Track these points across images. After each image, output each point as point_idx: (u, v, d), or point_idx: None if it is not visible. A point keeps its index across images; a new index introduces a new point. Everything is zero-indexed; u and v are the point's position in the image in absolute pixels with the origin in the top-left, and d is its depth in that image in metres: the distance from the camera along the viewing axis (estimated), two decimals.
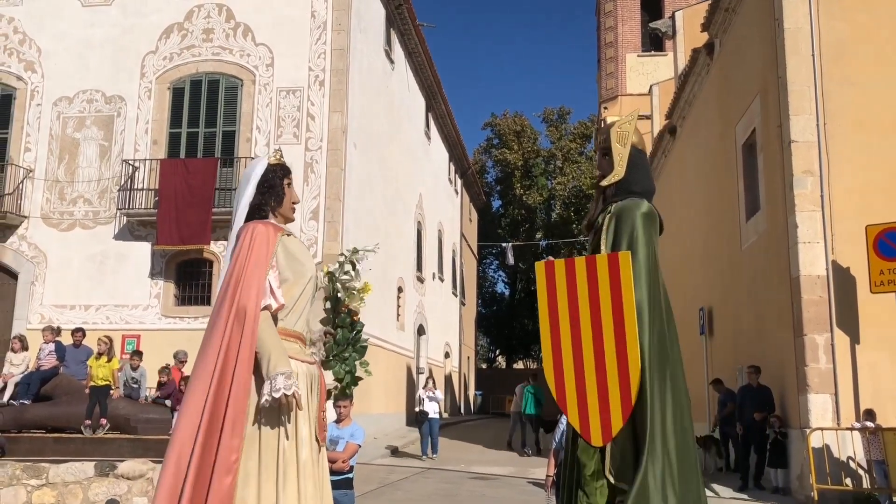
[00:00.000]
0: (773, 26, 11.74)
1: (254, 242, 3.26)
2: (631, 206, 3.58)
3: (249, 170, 3.52)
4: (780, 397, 11.48)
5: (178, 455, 3.04)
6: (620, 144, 3.69)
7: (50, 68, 18.00)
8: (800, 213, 10.79)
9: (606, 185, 3.70)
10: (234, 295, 3.16)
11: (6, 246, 17.38)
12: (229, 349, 3.09)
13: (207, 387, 3.06)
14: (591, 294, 3.41)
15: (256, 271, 3.20)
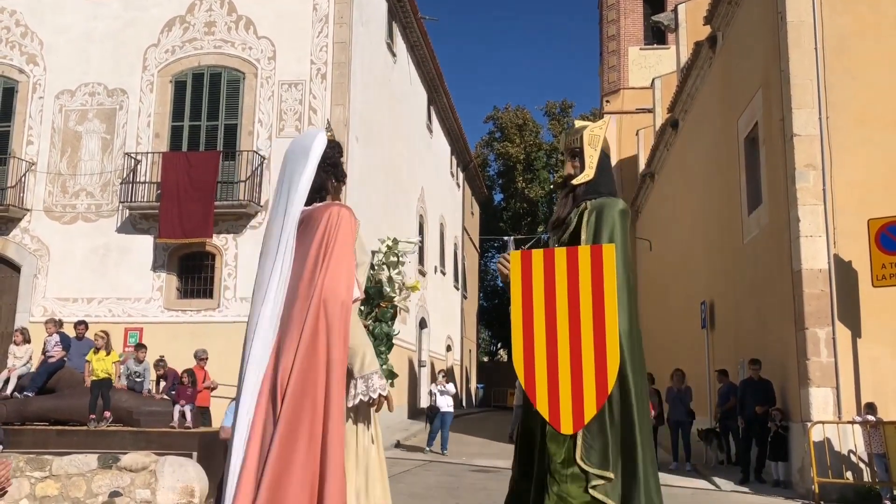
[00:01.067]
0: (775, 20, 11.72)
1: (340, 228, 2.93)
2: (610, 203, 3.74)
3: (304, 144, 3.14)
4: (781, 391, 11.50)
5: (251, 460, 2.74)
6: (592, 148, 3.88)
7: (52, 61, 17.99)
8: (802, 207, 10.80)
9: (577, 185, 3.85)
10: (321, 284, 2.83)
11: (9, 239, 17.41)
12: (316, 344, 2.79)
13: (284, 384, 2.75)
14: (570, 284, 3.47)
15: (345, 260, 2.91)
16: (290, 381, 2.77)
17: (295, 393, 2.76)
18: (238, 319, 16.07)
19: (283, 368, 2.79)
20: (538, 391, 3.40)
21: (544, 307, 3.45)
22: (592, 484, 3.34)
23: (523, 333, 3.46)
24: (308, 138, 3.17)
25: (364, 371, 2.93)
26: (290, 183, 3.07)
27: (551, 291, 3.49)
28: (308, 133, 3.24)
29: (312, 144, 3.11)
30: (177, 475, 9.11)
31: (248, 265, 16.38)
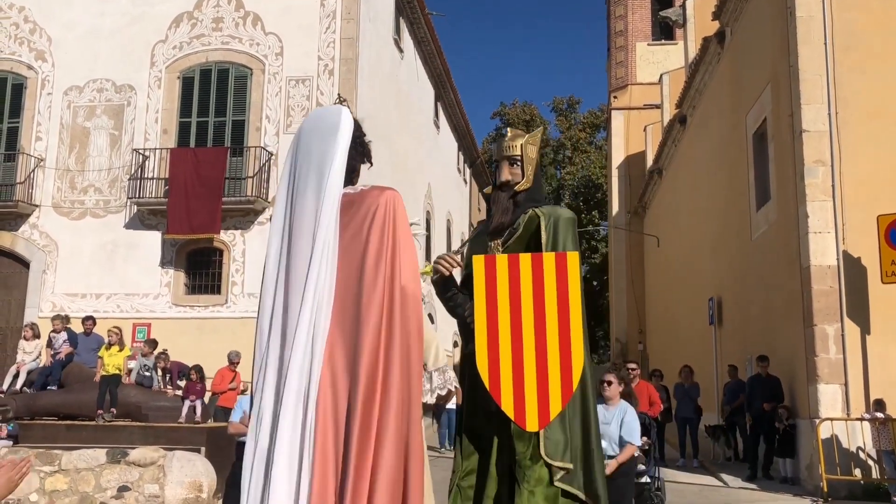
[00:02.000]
0: (784, 15, 11.66)
1: (398, 215, 2.70)
2: (565, 213, 3.96)
3: (329, 122, 2.84)
4: (789, 387, 11.47)
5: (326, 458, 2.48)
6: (530, 157, 4.07)
7: (60, 57, 18.04)
8: (811, 203, 10.75)
9: (519, 191, 3.99)
10: (391, 276, 2.60)
11: (18, 235, 17.48)
12: (393, 341, 2.57)
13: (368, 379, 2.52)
14: (535, 289, 3.59)
15: (410, 249, 2.70)
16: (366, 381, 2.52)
17: (372, 394, 2.53)
18: (245, 315, 16.10)
19: (364, 366, 2.53)
20: (503, 392, 3.49)
21: (509, 311, 3.54)
22: (557, 476, 3.58)
23: (487, 337, 3.54)
24: (332, 114, 2.86)
25: (438, 364, 2.88)
26: (319, 163, 2.75)
27: (516, 295, 3.59)
28: (330, 109, 2.93)
29: (340, 122, 2.81)
30: (185, 470, 9.15)
31: (255, 261, 16.41)
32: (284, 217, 2.76)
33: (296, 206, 2.74)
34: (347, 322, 2.58)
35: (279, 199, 2.81)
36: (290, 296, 2.64)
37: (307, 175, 2.75)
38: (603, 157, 42.29)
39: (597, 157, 44.81)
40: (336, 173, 2.73)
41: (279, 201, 2.81)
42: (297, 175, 2.79)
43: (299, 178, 2.78)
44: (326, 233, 2.64)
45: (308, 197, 2.71)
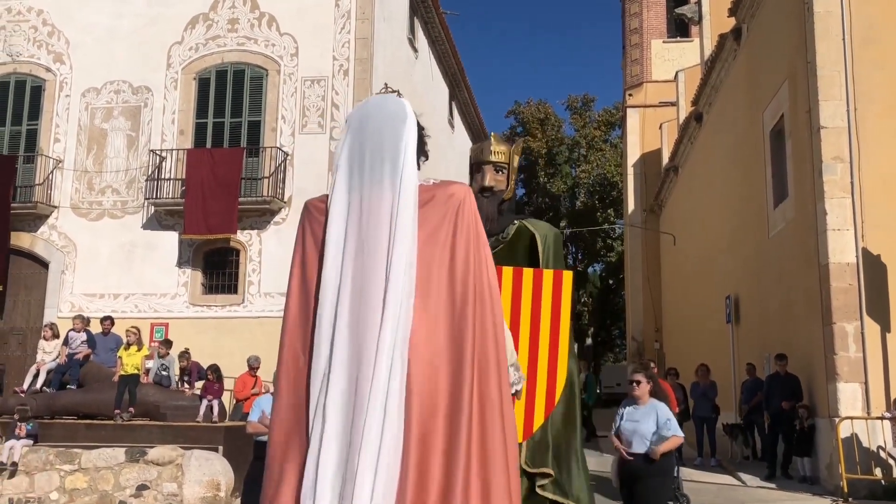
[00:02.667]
0: (802, 10, 11.57)
1: (476, 213, 2.67)
2: (552, 229, 4.01)
3: (394, 110, 2.73)
4: (808, 386, 11.39)
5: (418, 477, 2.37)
6: (515, 165, 4.10)
7: (78, 59, 18.19)
8: (829, 200, 10.67)
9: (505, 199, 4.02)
10: (481, 276, 2.57)
11: (37, 236, 17.64)
12: (487, 342, 2.53)
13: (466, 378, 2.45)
14: (533, 304, 3.70)
15: (487, 246, 2.66)
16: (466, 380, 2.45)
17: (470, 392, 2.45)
18: (262, 315, 16.19)
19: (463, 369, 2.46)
20: None
21: (509, 321, 3.54)
22: (539, 483, 3.60)
23: None
24: (397, 104, 2.75)
25: (511, 360, 2.84)
26: (393, 151, 2.64)
27: (516, 309, 3.69)
28: (391, 98, 2.81)
29: (407, 112, 2.72)
30: (203, 469, 9.21)
31: (271, 261, 16.48)
32: (349, 203, 2.62)
33: (368, 194, 2.61)
34: (435, 317, 2.50)
35: (340, 184, 2.65)
36: (365, 287, 2.51)
37: (381, 162, 2.64)
38: (618, 155, 42.12)
39: (612, 155, 44.64)
40: (411, 164, 2.65)
41: (340, 186, 2.65)
42: (364, 161, 2.66)
43: (370, 164, 2.65)
44: (407, 226, 2.54)
45: (385, 186, 2.60)
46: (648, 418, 5.81)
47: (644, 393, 5.95)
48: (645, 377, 6.01)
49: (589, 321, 48.76)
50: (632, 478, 5.79)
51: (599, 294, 47.87)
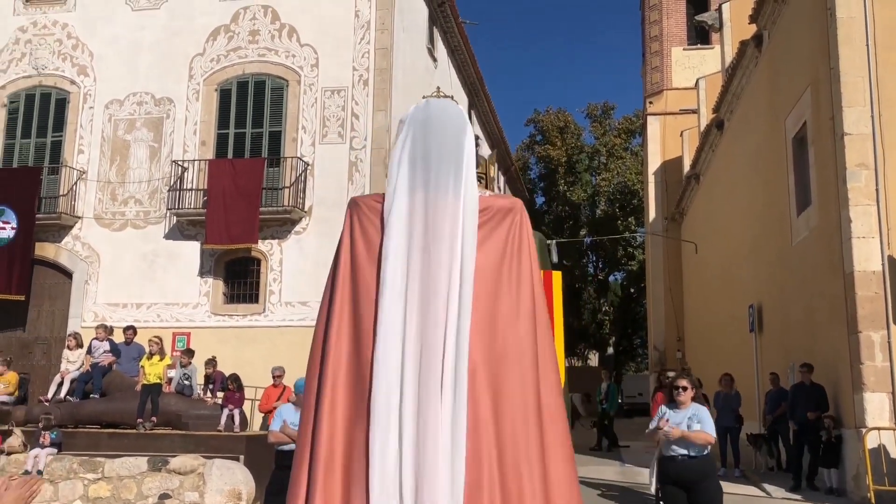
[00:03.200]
0: (824, 16, 11.47)
1: (530, 225, 2.79)
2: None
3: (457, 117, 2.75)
4: (833, 396, 11.23)
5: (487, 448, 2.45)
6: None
7: (101, 72, 18.41)
8: (854, 208, 10.54)
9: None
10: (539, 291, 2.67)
11: (61, 246, 17.84)
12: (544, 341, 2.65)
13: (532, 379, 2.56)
14: None
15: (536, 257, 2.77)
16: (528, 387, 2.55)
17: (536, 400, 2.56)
18: (283, 324, 16.25)
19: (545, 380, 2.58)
20: None
21: None
22: None
23: None
24: (455, 110, 2.77)
25: None
26: (456, 160, 2.65)
27: None
28: (449, 103, 2.80)
29: (466, 120, 2.75)
30: (224, 478, 9.24)
31: (292, 270, 16.55)
32: (411, 205, 2.61)
33: (433, 200, 2.61)
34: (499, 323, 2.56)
35: (402, 184, 2.64)
36: (429, 293, 2.54)
37: (446, 169, 2.64)
38: (638, 163, 41.93)
39: (632, 163, 44.44)
40: (473, 173, 2.67)
41: (402, 186, 2.64)
42: (430, 164, 2.65)
43: (435, 169, 2.64)
44: (470, 235, 2.60)
45: (450, 193, 2.61)
46: (689, 420, 6.02)
47: (688, 399, 6.15)
48: (690, 383, 6.21)
49: (610, 330, 48.47)
50: (681, 478, 5.92)
51: (621, 303, 47.59)
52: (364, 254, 2.64)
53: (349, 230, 2.71)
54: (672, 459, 6.00)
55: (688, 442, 5.94)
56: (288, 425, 6.45)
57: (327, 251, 18.81)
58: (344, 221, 2.75)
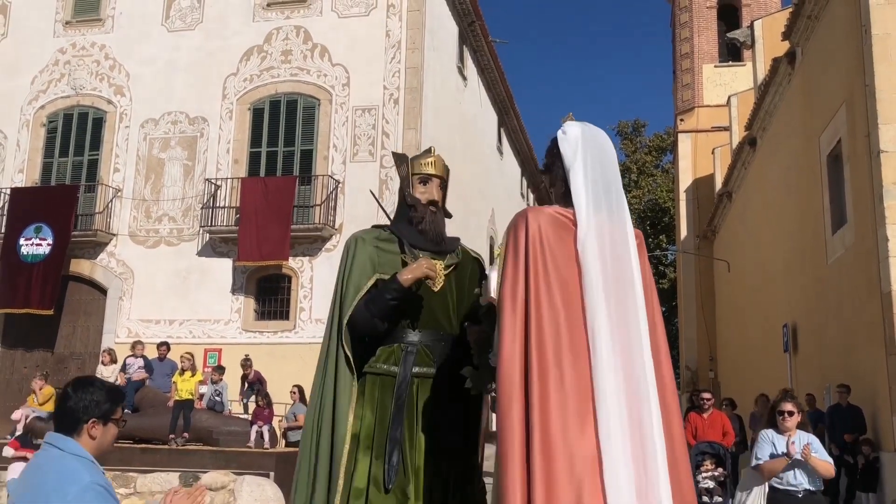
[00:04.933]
0: (859, 33, 11.35)
1: None
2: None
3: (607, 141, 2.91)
4: (871, 418, 11.00)
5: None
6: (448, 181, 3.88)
7: (137, 92, 18.76)
8: (891, 226, 10.36)
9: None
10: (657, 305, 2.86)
11: (96, 263, 18.13)
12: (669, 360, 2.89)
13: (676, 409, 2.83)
14: None
15: None
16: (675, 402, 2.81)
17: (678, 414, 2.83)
18: (313, 340, 16.29)
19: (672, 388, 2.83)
20: None
21: None
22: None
23: None
24: (605, 135, 2.91)
25: None
26: (617, 186, 2.82)
27: None
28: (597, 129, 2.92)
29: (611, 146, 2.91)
30: (255, 494, 9.27)
31: (322, 287, 16.64)
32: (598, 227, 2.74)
33: (617, 221, 2.77)
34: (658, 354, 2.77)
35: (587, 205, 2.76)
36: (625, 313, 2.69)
37: (618, 193, 2.82)
38: (670, 181, 41.65)
39: (663, 181, 44.16)
40: (624, 201, 2.83)
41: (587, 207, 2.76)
42: (610, 188, 2.80)
43: (615, 193, 2.80)
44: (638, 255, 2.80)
45: (625, 217, 2.80)
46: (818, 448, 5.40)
47: (794, 424, 5.47)
48: (796, 407, 5.55)
49: None
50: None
51: None
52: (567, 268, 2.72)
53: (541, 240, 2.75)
54: (788, 495, 5.25)
55: (810, 472, 5.22)
56: None
57: None
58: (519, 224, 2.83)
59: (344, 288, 3.50)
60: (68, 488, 2.39)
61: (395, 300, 3.39)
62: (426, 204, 3.70)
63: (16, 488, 2.57)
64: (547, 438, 2.52)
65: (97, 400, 2.60)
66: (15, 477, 9.29)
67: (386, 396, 3.36)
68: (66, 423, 2.59)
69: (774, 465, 5.36)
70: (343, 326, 3.42)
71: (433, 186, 3.74)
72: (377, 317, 3.39)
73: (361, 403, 3.37)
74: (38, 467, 2.53)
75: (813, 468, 5.22)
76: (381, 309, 3.39)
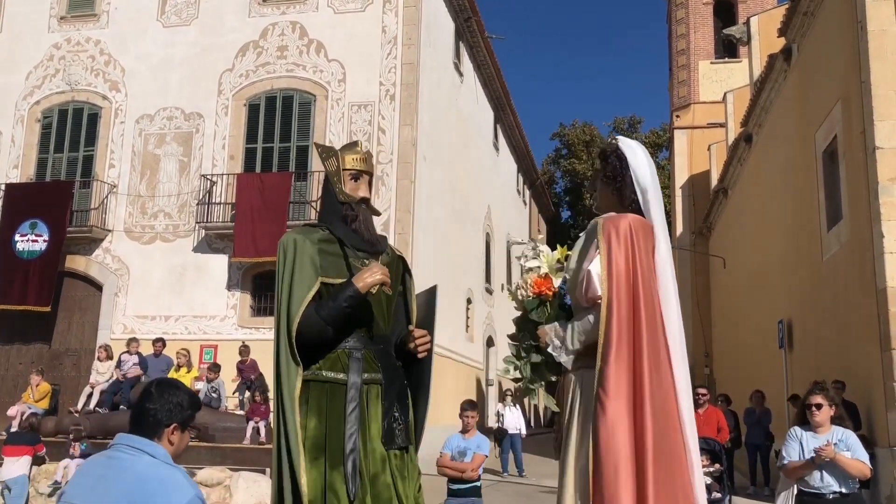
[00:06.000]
0: (855, 29, 11.35)
1: None
2: None
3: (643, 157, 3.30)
4: (866, 414, 11.03)
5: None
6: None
7: (133, 87, 18.71)
8: (886, 223, 10.38)
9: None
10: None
11: (92, 259, 18.09)
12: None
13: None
14: None
15: None
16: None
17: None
18: None
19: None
20: None
21: None
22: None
23: None
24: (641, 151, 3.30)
25: None
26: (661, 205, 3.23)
27: None
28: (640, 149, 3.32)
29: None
30: (251, 490, 9.27)
31: None
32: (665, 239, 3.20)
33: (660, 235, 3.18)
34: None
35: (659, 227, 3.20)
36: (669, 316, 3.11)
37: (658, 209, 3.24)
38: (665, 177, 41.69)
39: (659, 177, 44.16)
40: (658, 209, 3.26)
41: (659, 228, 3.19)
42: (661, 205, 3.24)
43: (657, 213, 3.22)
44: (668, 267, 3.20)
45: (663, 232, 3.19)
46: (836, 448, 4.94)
47: (825, 419, 5.07)
48: (826, 400, 5.10)
49: None
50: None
51: None
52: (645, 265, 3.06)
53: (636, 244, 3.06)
54: (817, 497, 4.87)
55: (838, 472, 4.84)
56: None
57: None
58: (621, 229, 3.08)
59: (290, 291, 3.37)
60: (175, 498, 2.32)
61: (351, 307, 3.32)
62: (359, 201, 3.62)
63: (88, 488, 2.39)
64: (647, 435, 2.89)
65: (180, 404, 2.52)
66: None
67: (335, 404, 3.28)
68: (146, 426, 2.48)
69: (799, 467, 5.05)
70: (292, 332, 3.31)
71: (364, 183, 3.67)
72: (330, 323, 3.31)
73: (305, 412, 3.29)
74: (125, 474, 2.38)
75: (842, 468, 4.87)
76: (334, 315, 3.31)
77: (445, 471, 6.59)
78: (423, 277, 17.68)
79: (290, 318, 3.32)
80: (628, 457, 2.78)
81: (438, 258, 18.88)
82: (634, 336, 2.90)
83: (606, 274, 2.96)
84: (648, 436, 2.81)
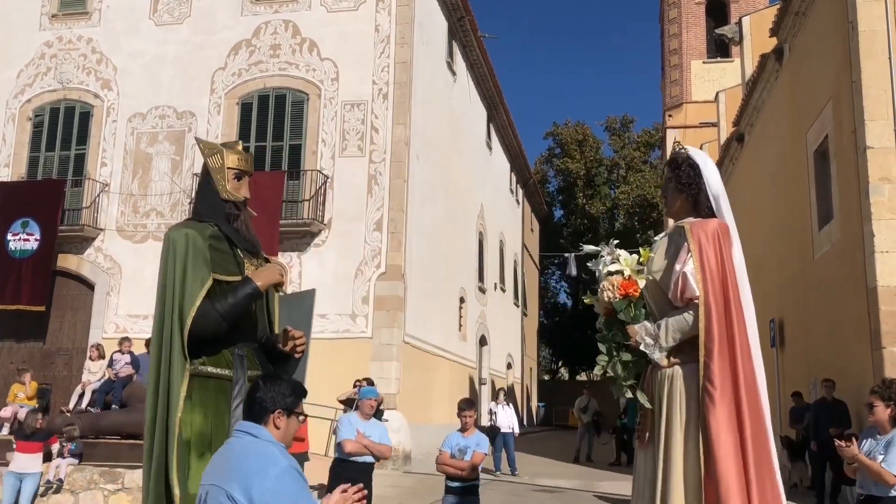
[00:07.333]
0: (846, 29, 11.41)
1: None
2: None
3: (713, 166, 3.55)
4: (856, 412, 11.09)
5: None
6: None
7: (125, 86, 18.65)
8: (877, 222, 10.44)
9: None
10: None
11: (83, 258, 18.03)
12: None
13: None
14: None
15: None
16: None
17: None
18: None
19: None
20: None
21: None
22: None
23: None
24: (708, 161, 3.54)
25: None
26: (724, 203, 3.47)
27: None
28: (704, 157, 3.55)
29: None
30: None
31: (312, 282, 16.61)
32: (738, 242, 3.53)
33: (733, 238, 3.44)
34: None
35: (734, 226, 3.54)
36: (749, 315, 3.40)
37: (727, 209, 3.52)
38: (658, 176, 41.81)
39: (651, 176, 44.31)
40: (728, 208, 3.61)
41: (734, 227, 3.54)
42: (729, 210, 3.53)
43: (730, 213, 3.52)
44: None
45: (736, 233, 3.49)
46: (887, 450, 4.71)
47: (884, 419, 4.87)
48: (882, 401, 4.89)
49: None
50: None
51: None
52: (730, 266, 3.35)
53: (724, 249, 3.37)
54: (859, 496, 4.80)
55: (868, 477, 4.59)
56: (363, 435, 6.46)
57: (346, 264, 18.73)
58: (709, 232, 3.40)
59: (184, 286, 3.37)
60: (270, 469, 2.67)
61: (249, 304, 3.39)
62: (242, 201, 3.70)
63: (215, 466, 2.80)
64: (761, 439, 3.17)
65: (283, 392, 2.86)
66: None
67: (221, 401, 3.33)
68: (255, 413, 2.86)
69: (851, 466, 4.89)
70: (186, 326, 3.30)
71: (245, 183, 3.75)
72: (227, 319, 3.35)
73: (189, 407, 3.30)
74: (234, 452, 2.77)
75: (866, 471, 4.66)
76: (233, 312, 3.35)
77: (445, 468, 6.58)
78: (416, 277, 17.71)
79: (182, 312, 3.31)
80: (737, 448, 3.02)
81: (431, 257, 18.88)
82: (729, 333, 3.14)
83: (701, 275, 3.20)
84: (747, 431, 3.05)
